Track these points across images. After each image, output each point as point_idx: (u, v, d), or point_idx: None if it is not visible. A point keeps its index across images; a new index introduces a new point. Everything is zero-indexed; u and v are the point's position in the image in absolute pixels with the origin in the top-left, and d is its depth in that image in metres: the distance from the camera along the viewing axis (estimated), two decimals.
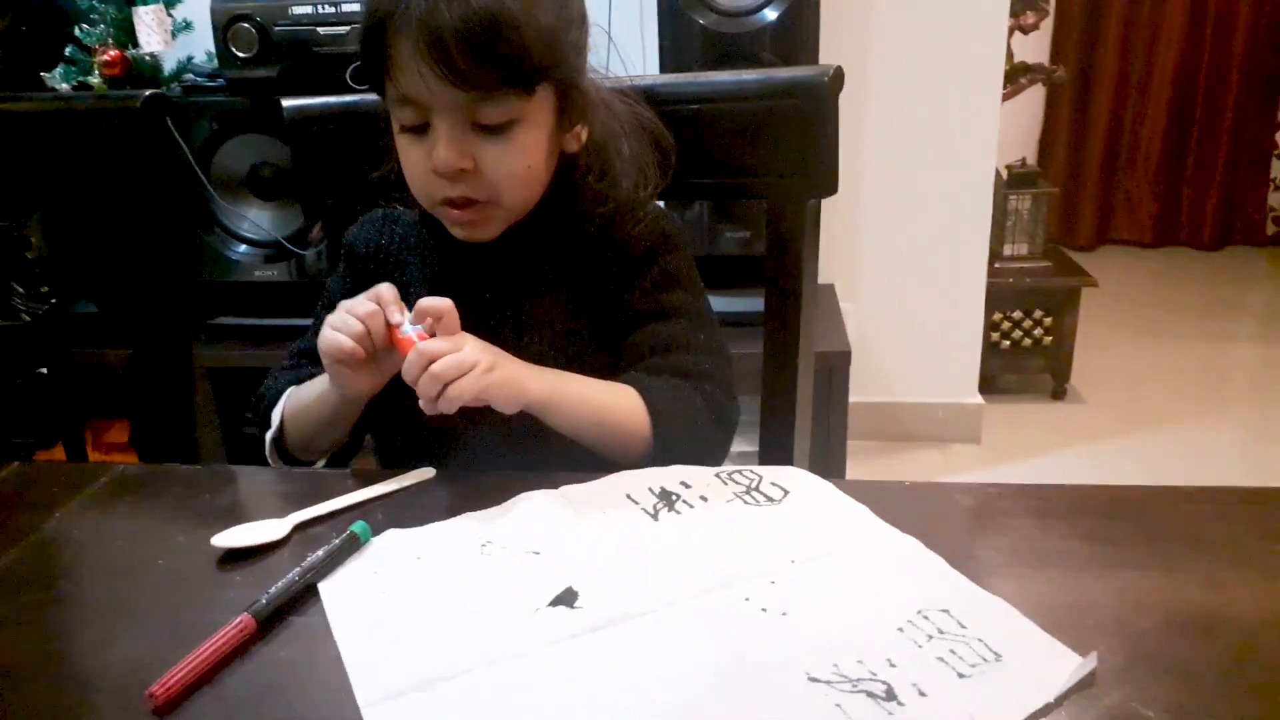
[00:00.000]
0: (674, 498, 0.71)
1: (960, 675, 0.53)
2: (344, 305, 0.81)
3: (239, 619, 0.59)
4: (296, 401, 0.91)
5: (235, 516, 0.78)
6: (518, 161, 0.82)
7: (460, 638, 0.58)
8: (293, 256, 1.99)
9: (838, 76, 0.91)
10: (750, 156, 0.95)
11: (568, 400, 0.81)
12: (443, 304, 0.77)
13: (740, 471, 0.74)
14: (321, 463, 0.92)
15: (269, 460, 0.92)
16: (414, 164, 0.83)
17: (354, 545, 0.67)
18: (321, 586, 0.64)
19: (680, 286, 0.89)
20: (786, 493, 0.72)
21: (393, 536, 0.69)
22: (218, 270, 2.01)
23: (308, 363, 0.93)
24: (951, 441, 2.54)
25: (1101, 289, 2.71)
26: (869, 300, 2.42)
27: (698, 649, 0.55)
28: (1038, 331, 2.71)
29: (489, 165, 0.81)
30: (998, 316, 2.68)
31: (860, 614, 0.59)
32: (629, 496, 0.71)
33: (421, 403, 0.75)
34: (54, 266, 1.71)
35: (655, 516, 0.69)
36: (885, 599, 0.60)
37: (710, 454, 0.84)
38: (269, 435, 0.91)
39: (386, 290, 0.80)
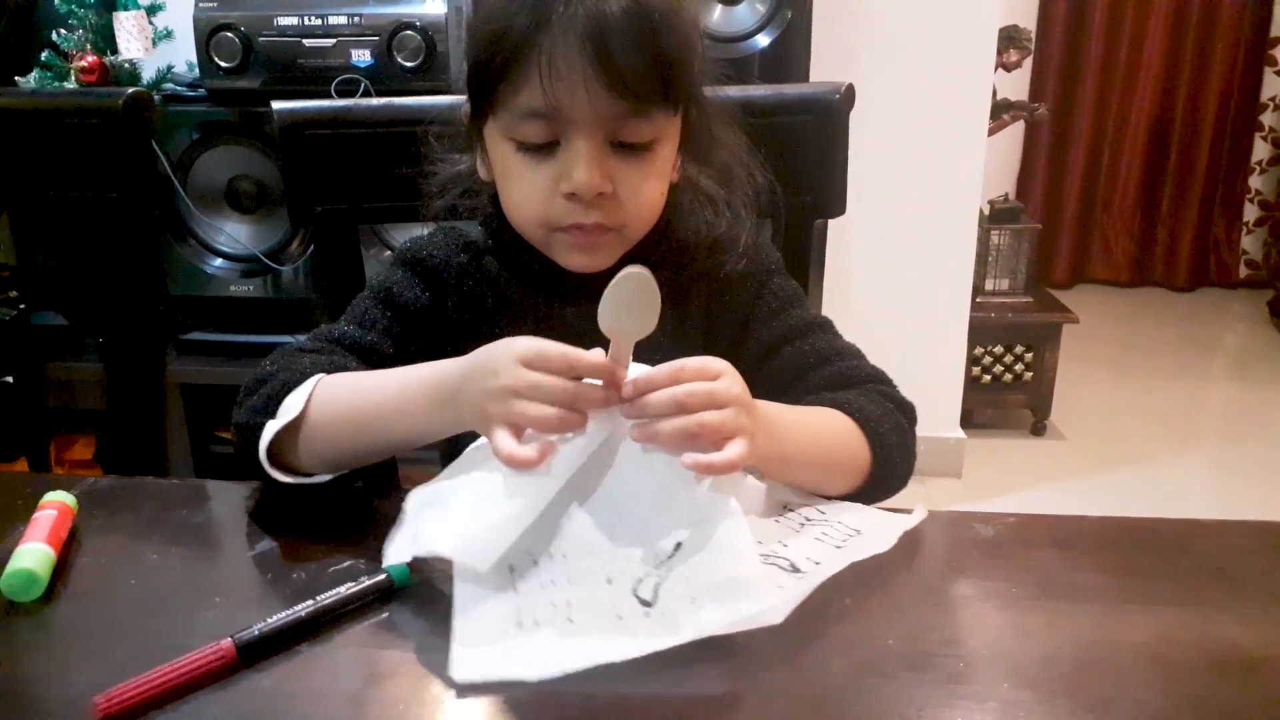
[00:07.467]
0: None
1: (837, 547, 0.66)
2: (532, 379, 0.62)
3: (218, 643, 0.55)
4: (339, 395, 0.71)
5: (213, 534, 0.74)
6: (654, 186, 0.76)
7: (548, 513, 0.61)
8: (270, 272, 1.94)
9: (849, 93, 0.90)
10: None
11: (799, 449, 0.70)
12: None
13: None
14: (323, 478, 0.73)
15: (263, 460, 0.71)
16: (531, 186, 0.74)
17: (386, 589, 0.61)
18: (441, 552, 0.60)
19: (800, 304, 0.86)
20: None
21: (417, 497, 0.66)
22: (192, 284, 1.95)
23: (342, 352, 0.79)
24: (932, 476, 2.51)
25: (1078, 326, 2.72)
26: (852, 331, 2.40)
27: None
28: (1018, 367, 2.71)
29: (626, 188, 0.74)
30: (979, 351, 2.67)
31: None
32: None
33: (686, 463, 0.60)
34: (22, 273, 1.65)
35: None
36: (758, 504, 0.70)
37: (910, 457, 0.78)
38: (275, 425, 0.70)
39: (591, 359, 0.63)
